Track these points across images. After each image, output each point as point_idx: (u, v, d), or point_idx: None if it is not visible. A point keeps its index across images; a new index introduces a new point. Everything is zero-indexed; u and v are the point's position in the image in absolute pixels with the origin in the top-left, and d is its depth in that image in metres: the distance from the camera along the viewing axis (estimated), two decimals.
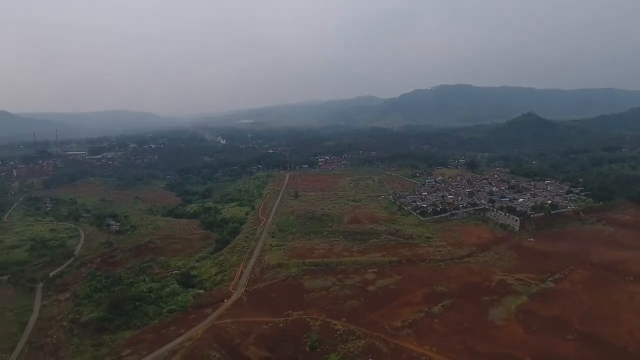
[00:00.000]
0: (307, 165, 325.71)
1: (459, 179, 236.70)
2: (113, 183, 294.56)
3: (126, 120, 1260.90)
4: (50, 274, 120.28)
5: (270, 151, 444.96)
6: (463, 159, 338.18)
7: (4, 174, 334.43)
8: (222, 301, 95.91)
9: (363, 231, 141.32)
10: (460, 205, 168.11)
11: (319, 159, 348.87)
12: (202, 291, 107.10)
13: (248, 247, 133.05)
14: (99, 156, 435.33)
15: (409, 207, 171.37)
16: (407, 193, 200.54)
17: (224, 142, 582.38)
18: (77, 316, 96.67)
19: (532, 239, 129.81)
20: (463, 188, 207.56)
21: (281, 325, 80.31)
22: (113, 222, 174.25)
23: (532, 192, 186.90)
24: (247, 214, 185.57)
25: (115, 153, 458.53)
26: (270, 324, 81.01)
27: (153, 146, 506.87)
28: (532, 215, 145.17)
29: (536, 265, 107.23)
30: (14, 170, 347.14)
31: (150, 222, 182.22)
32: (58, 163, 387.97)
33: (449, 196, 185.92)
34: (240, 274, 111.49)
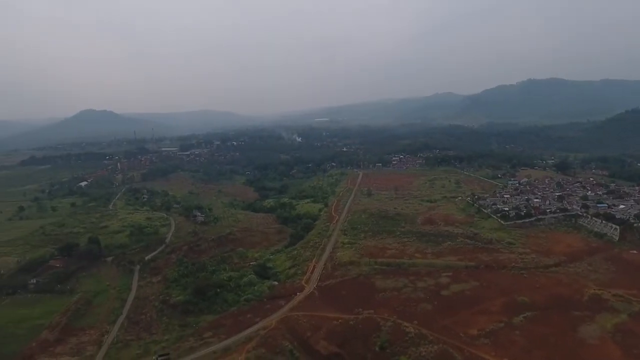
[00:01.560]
0: (380, 164, 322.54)
1: (547, 182, 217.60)
2: (199, 177, 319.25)
3: (212, 119, 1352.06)
4: (146, 258, 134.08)
5: (344, 149, 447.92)
6: (552, 159, 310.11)
7: (110, 167, 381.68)
8: (295, 294, 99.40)
9: (437, 233, 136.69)
10: (548, 210, 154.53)
11: (393, 158, 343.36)
12: (276, 283, 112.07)
13: (320, 244, 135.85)
14: (188, 152, 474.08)
15: (489, 210, 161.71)
16: (487, 195, 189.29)
17: (299, 140, 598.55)
18: (167, 298, 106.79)
19: (635, 251, 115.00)
20: (551, 191, 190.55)
21: (351, 322, 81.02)
22: (199, 214, 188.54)
23: (635, 198, 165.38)
24: (320, 210, 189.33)
25: (202, 150, 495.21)
26: (340, 321, 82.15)
27: (235, 144, 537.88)
28: (635, 224, 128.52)
29: (639, 280, 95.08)
30: (118, 164, 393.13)
31: (231, 215, 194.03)
32: (154, 158, 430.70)
33: (535, 200, 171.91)
34: (313, 269, 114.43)
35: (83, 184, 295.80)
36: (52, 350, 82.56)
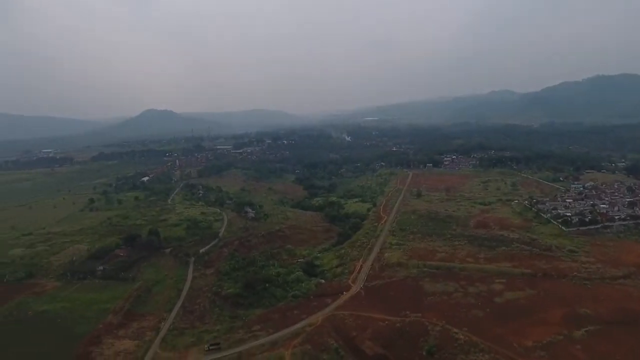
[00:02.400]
0: (431, 164, 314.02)
1: (615, 186, 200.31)
2: (251, 175, 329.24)
3: (264, 118, 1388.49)
4: (200, 251, 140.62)
5: (394, 149, 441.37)
6: (623, 162, 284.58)
7: (169, 164, 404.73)
8: (342, 293, 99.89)
9: (491, 237, 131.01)
10: (617, 217, 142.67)
11: (445, 158, 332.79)
12: (323, 281, 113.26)
13: (368, 243, 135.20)
14: (241, 150, 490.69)
15: (549, 214, 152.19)
16: (547, 199, 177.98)
17: (349, 139, 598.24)
18: (219, 290, 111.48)
19: None
20: (621, 197, 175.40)
21: (398, 324, 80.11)
22: (250, 210, 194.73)
23: None
24: (368, 210, 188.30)
25: (254, 148, 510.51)
26: (387, 322, 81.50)
27: (285, 142, 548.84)
28: None
29: None
30: (177, 161, 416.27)
31: (280, 212, 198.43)
32: (209, 156, 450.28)
33: (602, 205, 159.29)
34: (360, 269, 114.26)
35: (145, 179, 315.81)
36: (115, 332, 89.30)
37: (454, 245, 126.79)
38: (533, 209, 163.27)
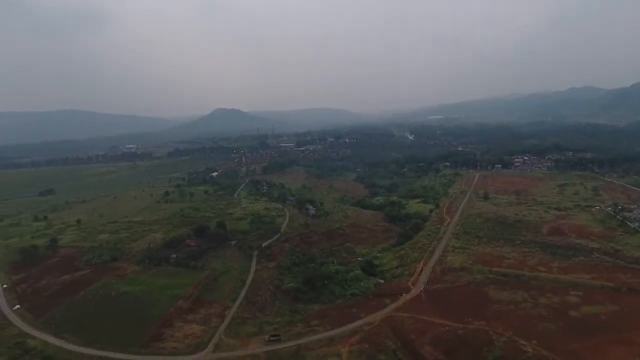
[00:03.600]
0: (500, 165, 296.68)
1: None
2: (313, 172, 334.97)
3: (326, 117, 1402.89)
4: (263, 245, 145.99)
5: (460, 149, 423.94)
6: None
7: (236, 160, 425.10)
8: (401, 294, 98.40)
9: (567, 245, 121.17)
10: None
11: (516, 159, 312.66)
12: (382, 281, 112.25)
13: (429, 246, 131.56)
14: (303, 148, 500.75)
15: (637, 223, 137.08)
16: (635, 206, 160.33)
17: (411, 138, 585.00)
18: (280, 283, 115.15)
19: None
20: None
21: (460, 331, 77.32)
22: (311, 207, 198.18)
23: None
24: (430, 211, 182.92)
25: (316, 146, 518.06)
26: (447, 328, 79.01)
27: (347, 141, 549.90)
28: None
29: None
30: (243, 158, 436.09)
31: (340, 210, 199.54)
32: (273, 153, 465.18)
33: None
34: (421, 271, 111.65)
35: (214, 174, 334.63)
36: (185, 317, 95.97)
37: (523, 251, 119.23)
38: (618, 216, 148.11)
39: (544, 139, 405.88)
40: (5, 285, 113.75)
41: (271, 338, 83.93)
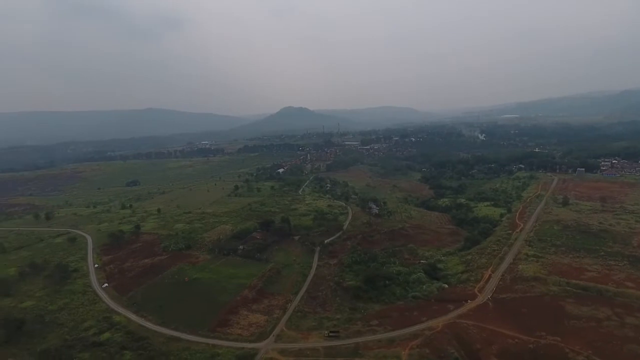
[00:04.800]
0: (583, 169, 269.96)
1: None
2: (376, 171, 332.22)
3: (392, 115, 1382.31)
4: (325, 241, 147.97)
5: (536, 150, 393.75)
6: None
7: (302, 157, 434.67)
8: (466, 301, 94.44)
9: None
10: None
11: (602, 162, 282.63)
12: (446, 286, 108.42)
13: (499, 252, 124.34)
14: (368, 147, 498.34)
15: None
16: None
17: (482, 137, 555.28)
18: (341, 280, 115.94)
19: None
20: None
21: (531, 345, 72.48)
22: (374, 206, 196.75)
23: None
24: (501, 216, 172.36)
25: (381, 145, 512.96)
26: (517, 340, 74.44)
27: (413, 140, 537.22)
28: None
29: None
30: (308, 155, 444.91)
31: (404, 210, 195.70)
32: (337, 151, 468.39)
33: None
34: (488, 278, 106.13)
35: (280, 170, 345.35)
36: (250, 306, 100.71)
37: (608, 264, 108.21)
38: None
39: (637, 141, 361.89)
40: (96, 265, 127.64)
41: (330, 334, 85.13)
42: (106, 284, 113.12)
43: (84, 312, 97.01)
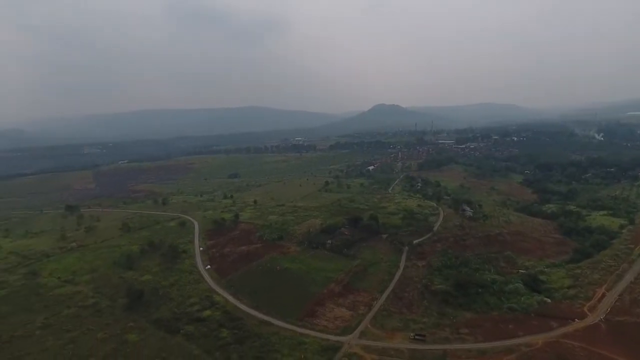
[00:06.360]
0: None
1: None
2: (472, 172, 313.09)
3: (492, 113, 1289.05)
4: (414, 242, 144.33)
5: None
6: None
7: (392, 155, 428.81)
8: (573, 320, 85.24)
9: None
10: None
11: None
12: (548, 300, 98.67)
13: (617, 268, 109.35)
14: (463, 146, 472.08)
15: None
16: None
17: (600, 137, 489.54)
18: (429, 283, 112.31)
19: None
20: None
21: None
22: (467, 208, 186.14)
23: None
24: (621, 227, 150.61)
25: (478, 144, 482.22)
26: None
27: (515, 139, 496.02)
28: None
29: None
30: (399, 153, 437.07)
31: (502, 215, 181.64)
32: (430, 150, 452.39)
33: None
34: (602, 297, 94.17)
35: (370, 168, 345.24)
36: (336, 300, 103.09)
37: None
38: None
39: None
40: (201, 248, 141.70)
41: (416, 337, 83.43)
42: (209, 266, 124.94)
43: (190, 289, 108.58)
